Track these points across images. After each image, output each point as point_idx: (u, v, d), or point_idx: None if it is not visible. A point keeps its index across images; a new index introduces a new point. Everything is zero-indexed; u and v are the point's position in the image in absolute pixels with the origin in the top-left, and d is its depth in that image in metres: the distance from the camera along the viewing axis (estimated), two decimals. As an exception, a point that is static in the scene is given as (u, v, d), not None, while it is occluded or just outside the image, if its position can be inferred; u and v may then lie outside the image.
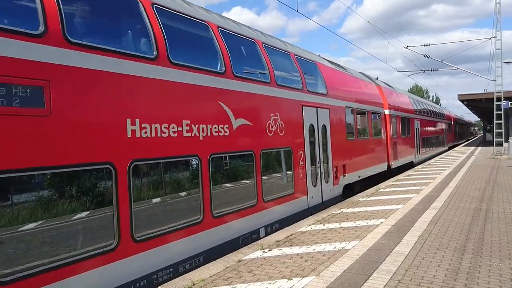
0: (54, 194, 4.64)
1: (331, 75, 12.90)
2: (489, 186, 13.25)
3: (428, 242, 6.81)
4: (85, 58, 4.87)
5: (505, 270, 5.39)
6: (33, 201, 4.42)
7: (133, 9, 5.92)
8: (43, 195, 4.53)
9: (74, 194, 4.84)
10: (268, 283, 5.13)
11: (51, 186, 4.61)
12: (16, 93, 4.14)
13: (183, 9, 6.97)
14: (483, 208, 9.60)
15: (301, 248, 6.65)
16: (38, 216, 4.41)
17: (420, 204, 10.27)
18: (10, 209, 4.24)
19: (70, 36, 4.70)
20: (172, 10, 6.62)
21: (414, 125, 23.99)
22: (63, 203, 4.68)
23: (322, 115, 11.29)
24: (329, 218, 8.93)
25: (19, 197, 4.44)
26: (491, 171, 18.01)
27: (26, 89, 4.23)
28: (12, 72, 4.14)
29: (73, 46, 4.74)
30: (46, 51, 4.45)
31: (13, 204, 4.31)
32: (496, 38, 27.59)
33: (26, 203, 4.39)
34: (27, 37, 4.29)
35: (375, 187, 13.79)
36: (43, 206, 4.47)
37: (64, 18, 4.65)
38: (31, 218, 4.34)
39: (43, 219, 4.46)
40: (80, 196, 4.88)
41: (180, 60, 6.34)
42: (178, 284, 5.19)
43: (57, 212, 4.59)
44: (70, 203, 4.75)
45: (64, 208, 4.67)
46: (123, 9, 5.98)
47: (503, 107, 27.61)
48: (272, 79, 8.99)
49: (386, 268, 5.55)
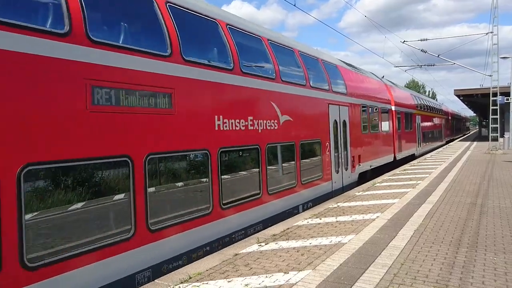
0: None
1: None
2: (484, 181, 13.33)
3: (423, 236, 6.85)
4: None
5: (499, 264, 5.43)
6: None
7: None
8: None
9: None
10: (264, 277, 5.14)
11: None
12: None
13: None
14: (478, 202, 9.65)
15: (298, 242, 6.66)
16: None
17: (416, 198, 10.31)
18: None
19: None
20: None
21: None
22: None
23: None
24: (326, 212, 8.96)
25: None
26: (486, 166, 18.11)
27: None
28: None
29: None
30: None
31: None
32: (493, 33, 27.63)
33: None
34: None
35: (371, 182, 13.83)
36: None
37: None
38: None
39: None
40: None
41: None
42: (174, 277, 5.19)
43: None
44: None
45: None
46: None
47: (499, 103, 27.73)
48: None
49: (382, 262, 5.58)
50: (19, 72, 4.10)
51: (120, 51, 5.33)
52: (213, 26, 7.67)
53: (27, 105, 4.17)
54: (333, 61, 13.80)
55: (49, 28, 4.48)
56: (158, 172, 6.05)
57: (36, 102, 4.25)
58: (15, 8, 4.37)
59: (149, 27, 6.32)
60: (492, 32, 27.69)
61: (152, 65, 5.80)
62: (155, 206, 5.68)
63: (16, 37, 4.07)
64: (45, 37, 4.36)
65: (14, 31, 4.06)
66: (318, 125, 11.30)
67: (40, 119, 4.28)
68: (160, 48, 6.07)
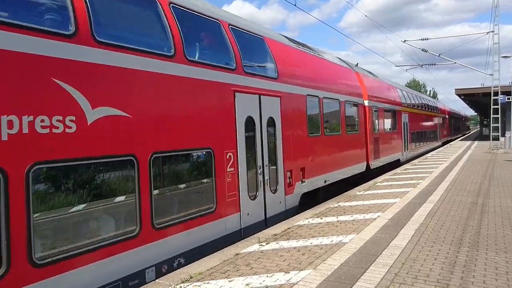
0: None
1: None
2: (485, 180, 13.31)
3: (425, 235, 6.84)
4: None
5: (501, 263, 5.42)
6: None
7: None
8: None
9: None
10: (265, 276, 5.14)
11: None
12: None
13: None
14: (479, 202, 9.64)
15: (298, 242, 6.66)
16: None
17: (417, 198, 10.31)
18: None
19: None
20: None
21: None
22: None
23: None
24: (326, 212, 8.96)
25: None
26: (487, 165, 18.09)
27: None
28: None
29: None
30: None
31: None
32: (493, 32, 27.58)
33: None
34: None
35: (372, 181, 13.82)
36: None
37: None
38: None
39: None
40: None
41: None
42: (175, 277, 5.19)
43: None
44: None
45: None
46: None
47: (500, 102, 27.68)
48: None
49: (383, 261, 5.57)
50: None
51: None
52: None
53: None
54: (255, 31, 9.36)
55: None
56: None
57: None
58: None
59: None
60: (493, 31, 27.61)
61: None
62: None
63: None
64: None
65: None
66: (207, 125, 7.05)
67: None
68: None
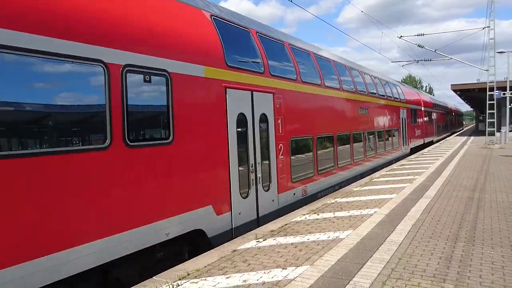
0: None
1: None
2: (481, 175, 13.37)
3: (421, 230, 6.87)
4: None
5: (496, 258, 5.45)
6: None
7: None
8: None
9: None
10: (262, 273, 5.14)
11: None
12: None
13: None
14: (475, 197, 9.69)
15: (296, 238, 6.67)
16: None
17: (413, 193, 10.34)
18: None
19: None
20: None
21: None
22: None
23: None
24: (323, 208, 8.97)
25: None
26: (483, 160, 18.17)
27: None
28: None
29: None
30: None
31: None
32: (489, 27, 27.63)
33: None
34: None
35: (368, 177, 13.86)
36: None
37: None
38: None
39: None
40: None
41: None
42: (173, 274, 5.19)
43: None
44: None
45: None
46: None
47: (496, 97, 27.80)
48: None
49: (380, 257, 5.59)
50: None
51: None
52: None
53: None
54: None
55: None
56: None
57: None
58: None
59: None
60: (489, 26, 27.68)
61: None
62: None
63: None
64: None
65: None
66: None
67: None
68: None
